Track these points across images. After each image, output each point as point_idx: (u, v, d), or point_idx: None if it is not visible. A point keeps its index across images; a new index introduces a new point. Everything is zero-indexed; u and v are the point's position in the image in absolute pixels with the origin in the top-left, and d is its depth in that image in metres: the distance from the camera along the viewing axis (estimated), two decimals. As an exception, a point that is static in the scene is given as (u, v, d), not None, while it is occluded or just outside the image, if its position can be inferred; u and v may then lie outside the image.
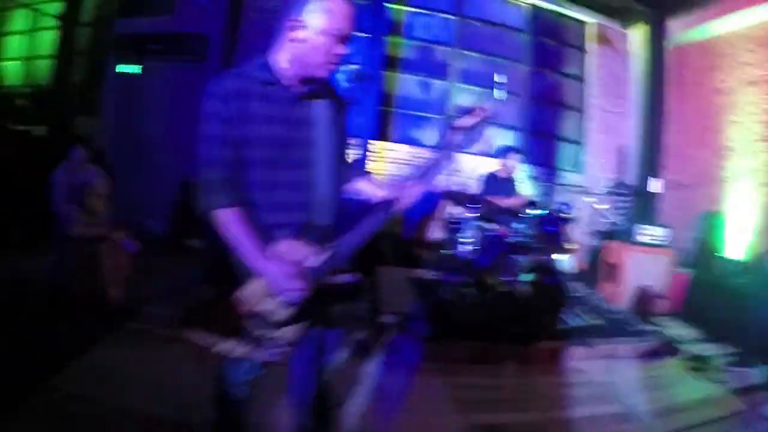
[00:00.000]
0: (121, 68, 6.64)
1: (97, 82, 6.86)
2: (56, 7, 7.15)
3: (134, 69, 6.61)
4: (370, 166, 5.92)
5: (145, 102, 6.50)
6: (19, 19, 8.42)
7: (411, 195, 1.74)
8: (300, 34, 1.55)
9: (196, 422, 2.21)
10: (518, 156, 5.06)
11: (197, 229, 5.42)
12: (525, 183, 5.37)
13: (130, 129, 6.52)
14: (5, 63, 8.49)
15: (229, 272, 1.69)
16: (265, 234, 1.62)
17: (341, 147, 1.80)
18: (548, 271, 3.91)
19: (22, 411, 2.32)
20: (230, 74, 1.61)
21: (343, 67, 1.51)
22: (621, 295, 5.02)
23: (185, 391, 2.57)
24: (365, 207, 1.75)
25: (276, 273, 1.56)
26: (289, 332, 1.64)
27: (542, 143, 6.87)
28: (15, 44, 8.49)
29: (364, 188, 1.88)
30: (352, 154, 1.96)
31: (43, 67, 7.34)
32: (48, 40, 7.34)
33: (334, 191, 1.74)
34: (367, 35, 6.10)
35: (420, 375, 3.29)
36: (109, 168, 4.77)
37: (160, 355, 3.09)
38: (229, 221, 1.57)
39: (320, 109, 1.69)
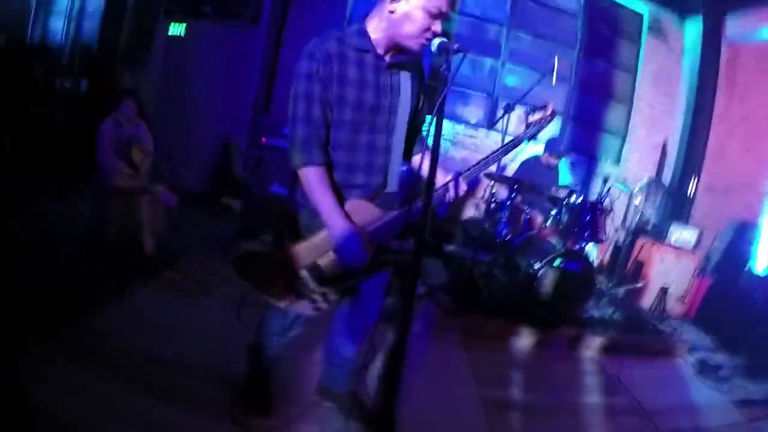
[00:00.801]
0: (171, 29, 6.72)
1: (145, 39, 6.99)
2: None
3: (180, 29, 6.67)
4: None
5: (192, 61, 6.55)
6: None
7: (464, 186, 1.79)
8: (399, 6, 1.60)
9: (228, 371, 2.27)
10: (563, 144, 5.04)
11: (234, 188, 5.61)
12: (566, 170, 5.32)
13: (175, 86, 6.60)
14: (53, 19, 8.72)
15: (292, 225, 1.78)
16: (340, 192, 1.70)
17: (419, 118, 1.87)
18: (578, 258, 3.91)
19: (57, 347, 2.39)
20: (329, 37, 1.66)
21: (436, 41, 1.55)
22: (643, 293, 5.01)
23: (218, 341, 2.66)
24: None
25: (345, 231, 1.61)
26: (337, 290, 1.72)
27: (585, 131, 6.75)
28: (64, 1, 8.68)
29: (423, 165, 1.90)
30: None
31: (92, 25, 7.45)
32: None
33: (401, 160, 1.82)
34: None
35: (442, 345, 3.38)
36: (152, 123, 4.91)
37: (193, 305, 3.19)
38: (318, 180, 1.65)
39: (405, 80, 1.77)
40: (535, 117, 1.85)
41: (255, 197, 4.63)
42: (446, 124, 6.27)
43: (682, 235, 5.18)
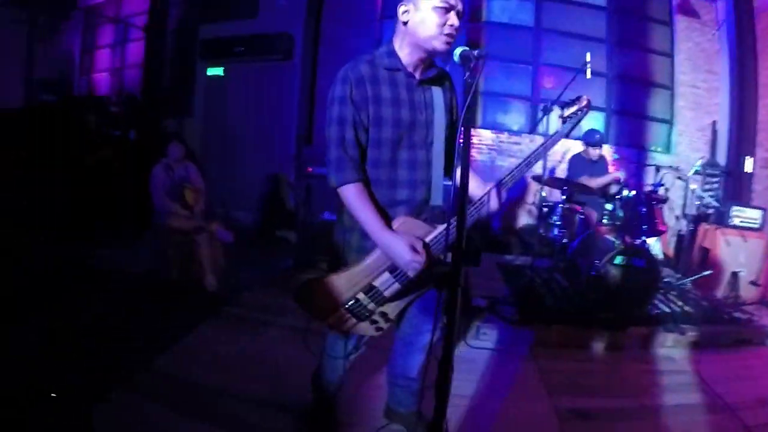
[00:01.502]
0: (209, 71, 7.02)
1: (185, 86, 7.31)
2: (142, 20, 7.67)
3: (219, 71, 6.96)
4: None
5: (232, 101, 6.82)
6: (108, 33, 9.12)
7: (505, 194, 1.80)
8: (411, 17, 1.66)
9: (295, 401, 2.30)
10: (603, 138, 4.94)
11: (287, 220, 5.75)
12: (613, 164, 5.21)
13: (219, 127, 6.88)
14: (102, 73, 9.24)
15: (345, 250, 1.81)
16: (385, 210, 1.73)
17: (453, 131, 1.88)
18: (639, 254, 3.79)
19: (123, 389, 2.47)
20: (361, 61, 1.73)
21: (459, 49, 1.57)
22: (713, 280, 4.78)
23: (284, 371, 2.72)
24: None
25: (398, 246, 1.63)
26: (395, 308, 1.75)
27: (630, 123, 6.62)
28: (109, 55, 9.20)
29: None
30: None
31: (136, 75, 7.89)
32: (136, 50, 7.89)
33: (443, 174, 1.84)
34: None
35: (509, 358, 3.31)
36: (200, 164, 5.10)
37: (256, 338, 3.26)
38: (356, 196, 1.69)
39: (438, 95, 1.81)
40: (571, 111, 1.82)
41: (308, 227, 4.74)
42: (489, 134, 6.27)
43: (745, 215, 4.96)
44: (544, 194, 4.74)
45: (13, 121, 6.51)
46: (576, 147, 5.16)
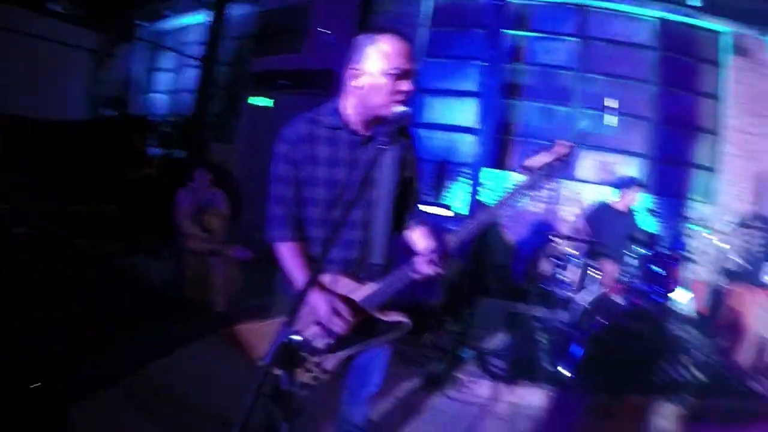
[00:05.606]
0: (253, 100, 7.39)
1: (232, 113, 7.73)
2: (199, 50, 8.21)
3: (266, 102, 7.31)
4: (485, 195, 5.94)
5: (275, 131, 7.13)
6: (167, 59, 9.81)
7: (455, 248, 1.71)
8: (361, 80, 1.65)
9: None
10: (640, 188, 4.71)
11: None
12: (645, 217, 4.91)
13: (259, 156, 7.18)
14: (156, 95, 9.92)
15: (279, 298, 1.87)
16: (319, 267, 1.74)
17: (403, 191, 1.87)
18: (650, 317, 3.57)
19: (118, 394, 2.68)
20: (301, 119, 1.78)
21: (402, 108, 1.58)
22: (742, 346, 4.39)
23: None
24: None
25: (319, 305, 1.67)
26: (333, 359, 1.77)
27: (670, 170, 6.29)
28: (164, 79, 9.88)
29: (414, 238, 1.93)
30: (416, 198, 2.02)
31: (187, 100, 8.38)
32: (192, 77, 8.40)
33: (388, 232, 1.83)
34: (485, 63, 6.19)
35: (486, 415, 3.23)
36: (236, 190, 5.33)
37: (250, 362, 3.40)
38: (286, 254, 1.77)
39: (384, 152, 1.70)
40: (541, 160, 1.53)
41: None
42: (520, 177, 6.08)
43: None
44: (559, 246, 4.51)
45: (76, 132, 7.20)
46: (605, 196, 4.92)
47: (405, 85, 1.64)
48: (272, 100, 7.27)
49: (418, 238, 1.91)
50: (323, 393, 1.93)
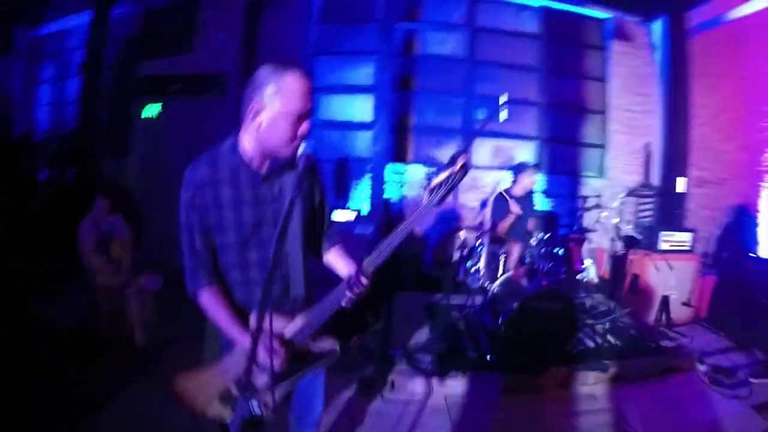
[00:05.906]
0: (145, 110, 6.93)
1: (122, 124, 7.16)
2: (80, 55, 7.47)
3: (155, 109, 6.87)
4: (389, 190, 5.98)
5: (169, 140, 6.71)
6: (48, 69, 8.90)
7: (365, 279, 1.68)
8: (261, 117, 1.59)
9: None
10: (535, 171, 4.89)
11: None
12: (541, 199, 5.18)
13: (155, 167, 6.75)
14: (38, 110, 8.98)
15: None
16: (243, 308, 1.72)
17: (314, 218, 1.86)
18: (554, 297, 3.79)
19: None
20: (203, 159, 1.70)
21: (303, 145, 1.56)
22: (645, 306, 4.85)
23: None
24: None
25: (244, 342, 1.62)
26: (279, 390, 1.71)
27: (563, 150, 6.68)
28: (46, 92, 8.96)
29: (332, 261, 1.92)
30: (330, 223, 2.00)
31: (71, 112, 7.67)
32: (74, 86, 7.69)
33: (304, 264, 1.80)
34: (376, 56, 6.19)
35: (424, 410, 3.30)
36: (136, 211, 4.95)
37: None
38: (209, 302, 1.71)
39: (287, 186, 1.72)
40: (440, 178, 1.57)
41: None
42: (421, 168, 6.25)
43: (675, 239, 5.03)
44: (464, 234, 4.72)
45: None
46: (503, 183, 5.04)
47: (303, 127, 1.61)
48: (160, 107, 6.86)
49: (336, 259, 1.91)
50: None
